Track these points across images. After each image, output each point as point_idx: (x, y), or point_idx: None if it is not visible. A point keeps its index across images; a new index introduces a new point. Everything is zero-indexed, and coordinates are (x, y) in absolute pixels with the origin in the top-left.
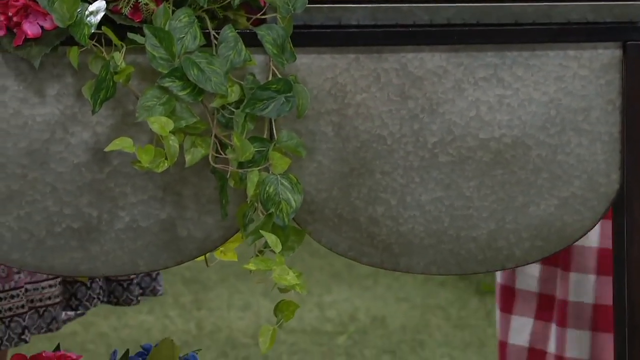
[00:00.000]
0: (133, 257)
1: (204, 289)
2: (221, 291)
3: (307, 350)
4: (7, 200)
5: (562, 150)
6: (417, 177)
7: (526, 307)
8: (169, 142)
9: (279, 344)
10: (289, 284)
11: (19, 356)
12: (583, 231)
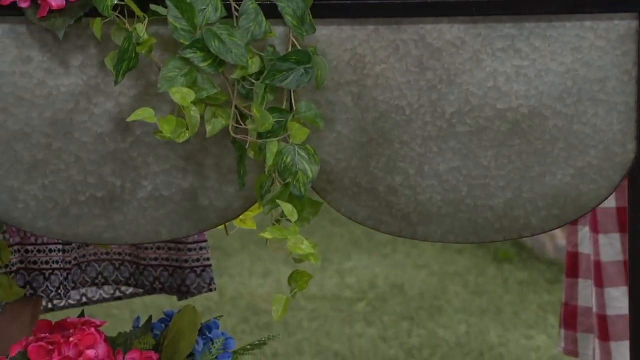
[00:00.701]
0: (155, 225)
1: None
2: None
3: (327, 316)
4: (32, 169)
5: (578, 120)
6: (435, 146)
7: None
8: (190, 112)
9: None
10: (303, 253)
11: (43, 322)
12: (599, 200)
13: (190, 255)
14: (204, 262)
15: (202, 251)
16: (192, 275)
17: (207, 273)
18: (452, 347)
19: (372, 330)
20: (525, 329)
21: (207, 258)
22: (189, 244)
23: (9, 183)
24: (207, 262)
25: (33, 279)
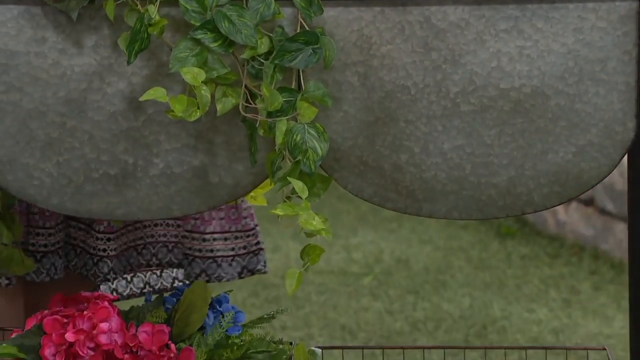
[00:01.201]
0: (167, 202)
1: None
2: None
3: (334, 290)
4: (46, 147)
5: (579, 99)
6: (440, 125)
7: None
8: (201, 92)
9: (308, 284)
10: (315, 229)
11: (58, 296)
12: (599, 178)
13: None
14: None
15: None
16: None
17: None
18: (456, 320)
19: (378, 303)
20: (527, 302)
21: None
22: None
23: (25, 160)
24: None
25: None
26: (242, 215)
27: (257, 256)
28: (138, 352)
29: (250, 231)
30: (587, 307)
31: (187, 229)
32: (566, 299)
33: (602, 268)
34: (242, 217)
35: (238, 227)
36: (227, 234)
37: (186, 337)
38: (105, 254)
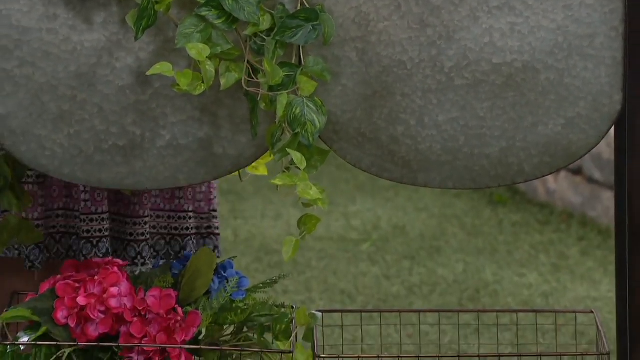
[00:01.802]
0: (174, 172)
1: (240, 200)
2: (256, 202)
3: (333, 256)
4: (58, 119)
5: (568, 73)
6: (435, 99)
7: None
8: (205, 66)
9: (308, 250)
10: (312, 199)
11: (70, 261)
12: (587, 149)
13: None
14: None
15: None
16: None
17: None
18: (451, 285)
19: (375, 269)
20: (518, 267)
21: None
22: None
23: (37, 132)
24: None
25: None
26: (176, 196)
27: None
28: (146, 315)
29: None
30: (575, 272)
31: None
32: (555, 264)
33: (590, 234)
34: (176, 197)
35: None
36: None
37: (192, 301)
38: (133, 238)
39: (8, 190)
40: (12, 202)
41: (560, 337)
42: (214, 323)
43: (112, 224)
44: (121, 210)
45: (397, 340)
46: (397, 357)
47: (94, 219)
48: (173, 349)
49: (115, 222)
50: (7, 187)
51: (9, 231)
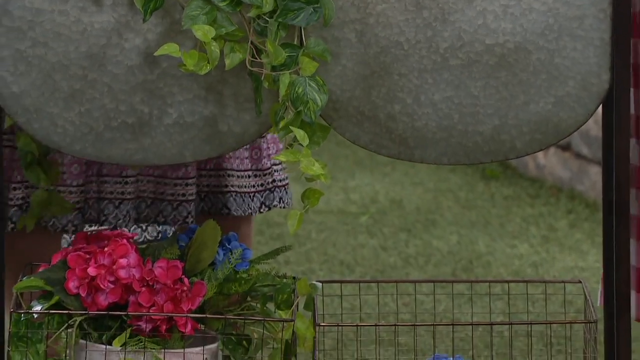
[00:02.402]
0: (180, 149)
1: None
2: None
3: (333, 229)
4: (69, 98)
5: (558, 54)
6: (430, 78)
7: None
8: (210, 47)
9: (309, 223)
10: (315, 174)
11: (81, 234)
12: (576, 126)
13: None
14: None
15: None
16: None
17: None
18: (445, 256)
19: (373, 241)
20: (510, 239)
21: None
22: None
23: (50, 110)
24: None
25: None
26: (262, 155)
27: (273, 193)
28: (154, 285)
29: (267, 170)
30: (564, 243)
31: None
32: (545, 236)
33: (578, 207)
34: (262, 157)
35: (258, 166)
36: (247, 172)
37: (198, 272)
38: (185, 198)
39: (36, 165)
40: (40, 176)
41: (550, 306)
42: (219, 293)
43: (157, 186)
44: (167, 172)
45: (394, 309)
46: (394, 325)
47: (118, 181)
48: (179, 318)
49: (159, 185)
50: (35, 163)
51: (39, 205)
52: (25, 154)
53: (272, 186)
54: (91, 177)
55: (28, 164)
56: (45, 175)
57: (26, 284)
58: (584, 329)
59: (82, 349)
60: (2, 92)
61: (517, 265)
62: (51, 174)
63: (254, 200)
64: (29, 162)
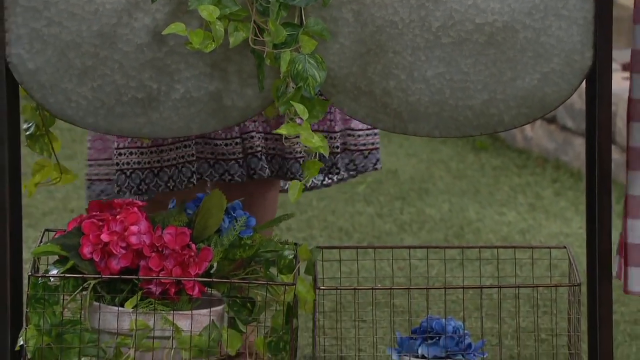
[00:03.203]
0: (187, 122)
1: None
2: None
3: (332, 197)
4: (82, 74)
5: (544, 32)
6: (423, 55)
7: None
8: (215, 26)
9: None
10: (314, 146)
11: (95, 202)
12: (561, 100)
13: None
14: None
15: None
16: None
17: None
18: (437, 223)
19: (370, 208)
20: (498, 207)
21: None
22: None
23: (64, 85)
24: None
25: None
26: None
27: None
28: (163, 251)
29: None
30: (549, 211)
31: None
32: (532, 204)
33: (563, 177)
34: (327, 119)
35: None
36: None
37: (205, 238)
38: (224, 157)
39: (41, 137)
40: (43, 147)
41: (536, 270)
42: (224, 258)
43: (267, 142)
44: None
45: (390, 274)
46: (390, 289)
47: (171, 148)
48: (187, 281)
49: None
50: (40, 135)
51: (42, 174)
52: (30, 125)
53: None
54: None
55: (32, 135)
56: (49, 146)
57: (43, 250)
58: (568, 291)
59: (95, 310)
60: (19, 69)
61: (506, 231)
62: (55, 145)
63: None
64: (34, 133)
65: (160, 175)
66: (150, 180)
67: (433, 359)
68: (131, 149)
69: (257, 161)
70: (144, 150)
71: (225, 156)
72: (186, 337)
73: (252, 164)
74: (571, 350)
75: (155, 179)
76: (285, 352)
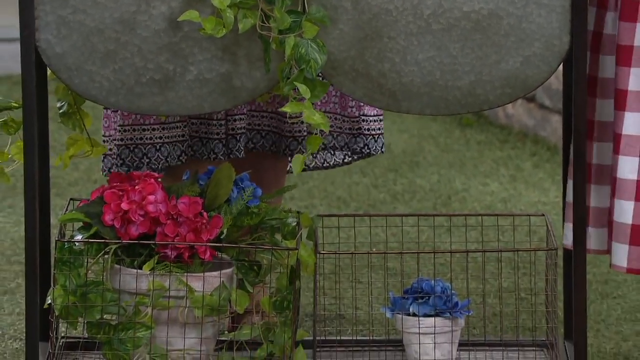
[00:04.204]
0: (200, 101)
1: None
2: None
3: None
4: (105, 57)
5: (526, 19)
6: (416, 40)
7: None
8: (226, 14)
9: None
10: (316, 123)
11: (116, 174)
12: (541, 81)
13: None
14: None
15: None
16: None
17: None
18: (427, 192)
19: (366, 179)
20: (482, 178)
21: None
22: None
23: (88, 68)
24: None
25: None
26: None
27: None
28: (178, 218)
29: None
30: (528, 181)
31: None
32: (513, 175)
33: (541, 151)
34: (349, 106)
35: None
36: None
37: (215, 207)
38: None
39: (72, 114)
40: (75, 123)
41: (517, 236)
42: (233, 225)
43: (271, 120)
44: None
45: (384, 239)
46: (384, 253)
47: (228, 119)
48: (200, 246)
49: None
50: (72, 112)
51: (75, 148)
52: (63, 104)
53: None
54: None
55: (65, 113)
56: (81, 122)
57: (69, 217)
58: (546, 255)
59: (116, 272)
60: (48, 53)
61: (489, 200)
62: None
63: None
64: (67, 111)
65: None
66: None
67: (423, 316)
68: (134, 126)
69: (235, 142)
70: (146, 127)
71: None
72: (199, 296)
73: (230, 144)
74: (548, 308)
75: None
76: (289, 310)
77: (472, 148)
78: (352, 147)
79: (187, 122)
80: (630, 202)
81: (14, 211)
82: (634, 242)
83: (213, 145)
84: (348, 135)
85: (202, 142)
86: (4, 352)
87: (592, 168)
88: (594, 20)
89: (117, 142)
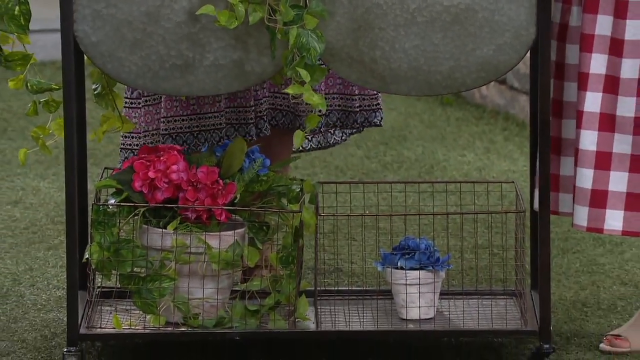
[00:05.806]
0: (216, 84)
1: None
2: None
3: None
4: (133, 45)
5: (498, 12)
6: (403, 31)
7: None
8: (238, 8)
9: None
10: (315, 103)
11: (144, 147)
12: (511, 67)
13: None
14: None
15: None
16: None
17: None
18: (413, 162)
19: (360, 151)
20: (460, 150)
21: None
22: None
23: (118, 55)
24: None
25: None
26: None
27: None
28: (197, 185)
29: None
30: (500, 153)
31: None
32: (487, 147)
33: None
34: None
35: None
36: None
37: (230, 175)
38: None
39: (105, 95)
40: (108, 103)
41: (490, 200)
42: (245, 191)
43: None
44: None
45: (375, 203)
46: (375, 215)
47: (259, 102)
48: (216, 209)
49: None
50: (105, 93)
51: (108, 124)
52: (97, 86)
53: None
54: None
55: (99, 94)
56: (113, 102)
57: (103, 184)
58: (515, 216)
59: (144, 232)
60: (84, 42)
61: (466, 169)
62: (118, 102)
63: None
64: (101, 92)
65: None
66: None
67: (409, 269)
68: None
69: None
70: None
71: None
72: (215, 253)
73: (259, 125)
74: (517, 262)
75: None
76: (293, 264)
77: (452, 124)
78: (355, 122)
79: (223, 112)
80: (590, 170)
81: (57, 179)
82: (593, 205)
83: (248, 128)
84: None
85: (234, 127)
86: (49, 299)
87: (561, 142)
88: (560, 13)
89: (176, 130)
